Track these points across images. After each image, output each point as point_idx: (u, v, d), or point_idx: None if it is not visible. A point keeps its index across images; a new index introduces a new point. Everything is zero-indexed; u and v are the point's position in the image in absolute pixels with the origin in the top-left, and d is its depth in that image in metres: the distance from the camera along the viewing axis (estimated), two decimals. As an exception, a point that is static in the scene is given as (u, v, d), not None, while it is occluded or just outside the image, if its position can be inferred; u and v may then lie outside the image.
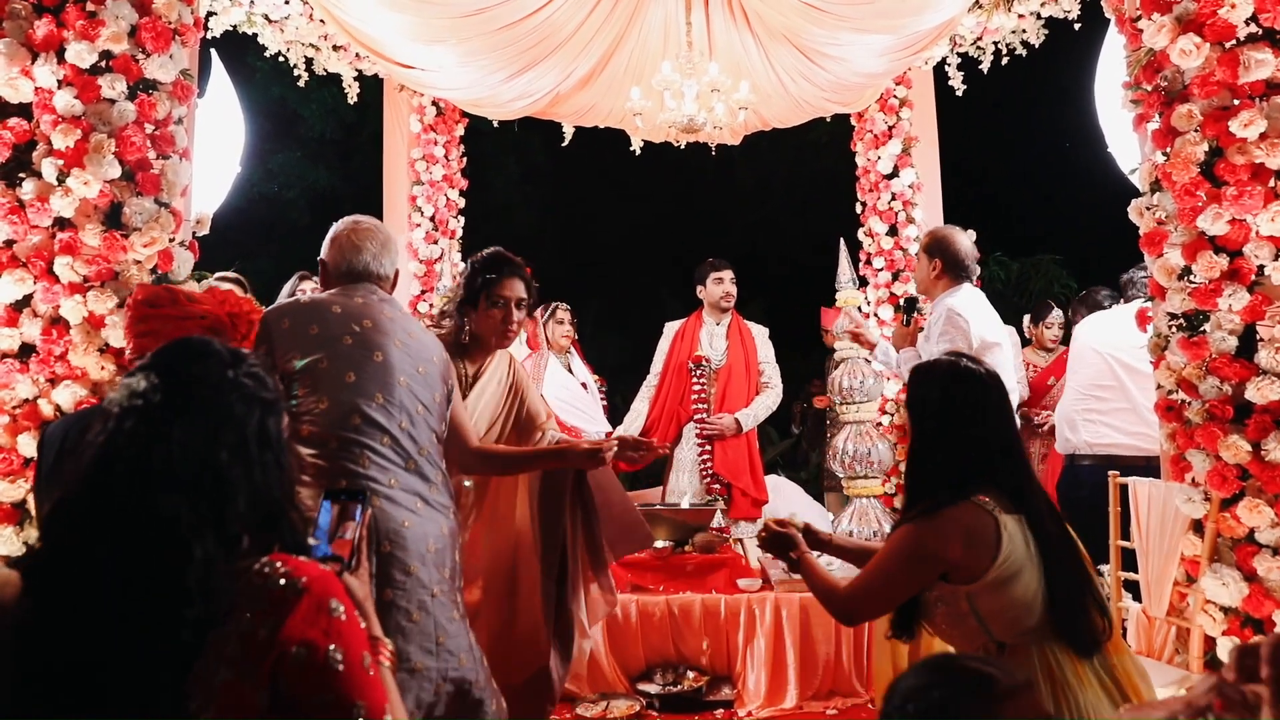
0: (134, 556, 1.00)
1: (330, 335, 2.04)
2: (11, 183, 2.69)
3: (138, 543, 1.01)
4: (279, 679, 0.99)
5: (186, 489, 1.03)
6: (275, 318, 2.09)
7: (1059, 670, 1.64)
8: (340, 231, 2.22)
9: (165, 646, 0.98)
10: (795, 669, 3.47)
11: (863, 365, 4.93)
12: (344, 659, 1.02)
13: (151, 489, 1.02)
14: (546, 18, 4.36)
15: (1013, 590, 1.65)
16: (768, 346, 4.61)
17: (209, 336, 1.21)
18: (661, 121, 4.46)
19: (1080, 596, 1.66)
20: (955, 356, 1.83)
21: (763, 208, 12.49)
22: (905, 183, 5.42)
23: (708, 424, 4.38)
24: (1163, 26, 2.75)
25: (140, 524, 1.01)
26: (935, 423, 1.76)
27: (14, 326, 2.69)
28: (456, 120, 5.67)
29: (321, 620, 1.02)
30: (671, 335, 4.66)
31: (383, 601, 1.91)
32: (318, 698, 1.00)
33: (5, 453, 2.66)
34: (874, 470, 4.93)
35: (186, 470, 1.04)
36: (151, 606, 0.99)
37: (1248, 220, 2.63)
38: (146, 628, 0.98)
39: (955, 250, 3.35)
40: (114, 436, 1.05)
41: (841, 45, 4.61)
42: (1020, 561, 1.65)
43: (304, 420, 1.96)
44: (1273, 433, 2.59)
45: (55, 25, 2.70)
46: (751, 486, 4.41)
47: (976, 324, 3.15)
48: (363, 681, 1.03)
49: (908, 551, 1.73)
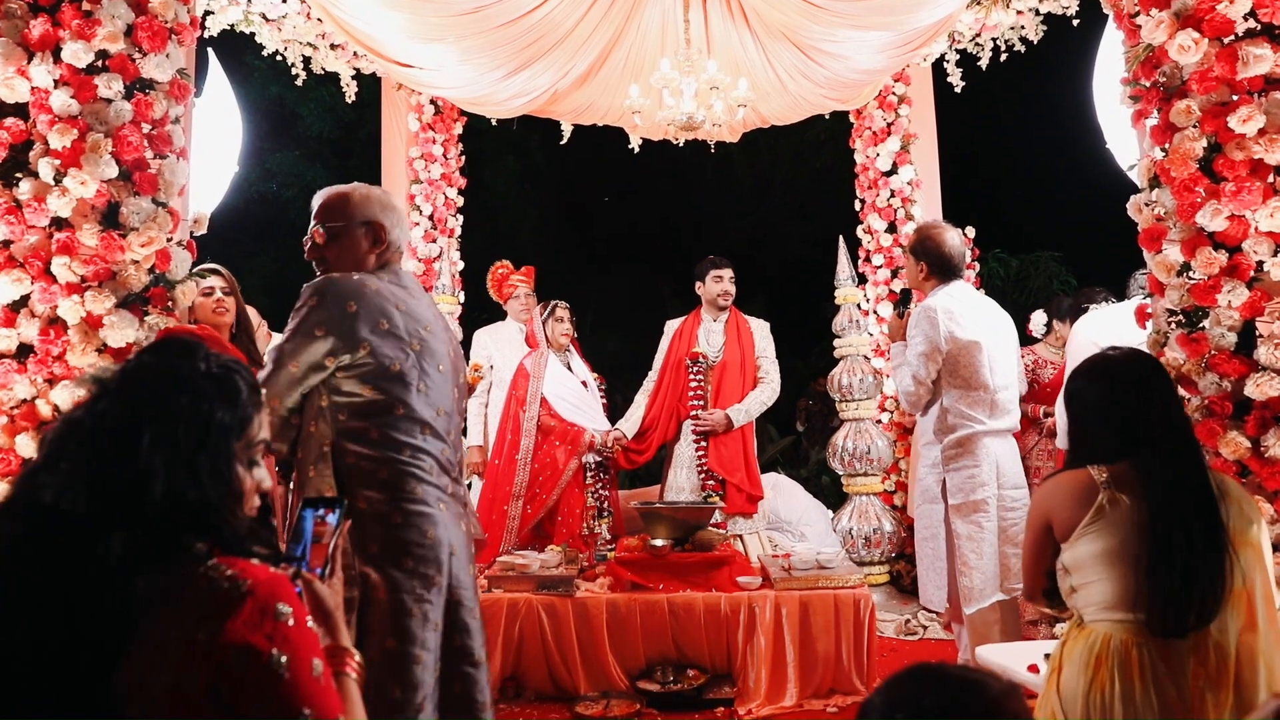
0: (38, 541, 1.00)
1: (402, 337, 2.01)
2: (8, 183, 2.69)
3: (43, 526, 1.00)
4: (221, 683, 0.97)
5: (99, 460, 1.02)
6: (347, 300, 1.98)
7: (1107, 659, 1.66)
8: (390, 202, 2.20)
9: (78, 642, 0.96)
10: (795, 667, 3.47)
11: (862, 363, 4.95)
12: (289, 664, 0.99)
13: (64, 461, 1.02)
14: (544, 15, 4.36)
15: (1100, 559, 1.69)
16: (767, 341, 4.60)
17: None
18: (660, 119, 4.45)
19: (1187, 584, 1.64)
20: (1113, 349, 1.90)
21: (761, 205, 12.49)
22: (904, 180, 5.42)
23: (699, 420, 4.39)
24: (1161, 22, 2.75)
25: (46, 509, 1.00)
26: (1078, 404, 1.86)
27: (11, 327, 2.69)
28: (455, 119, 5.66)
29: (266, 625, 0.99)
30: (671, 333, 4.66)
31: (452, 601, 2.01)
32: (260, 704, 0.98)
33: (4, 453, 2.66)
34: (873, 468, 4.95)
35: (103, 444, 1.03)
36: (56, 595, 0.97)
37: (1247, 216, 2.63)
38: (53, 620, 0.96)
39: (941, 251, 3.38)
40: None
41: (840, 42, 4.61)
42: (1116, 533, 1.67)
43: (375, 423, 1.96)
44: (1272, 429, 2.59)
45: (51, 25, 2.70)
46: (746, 482, 4.39)
47: (948, 322, 3.23)
48: (310, 689, 1.00)
49: (1030, 509, 1.88)
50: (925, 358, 3.25)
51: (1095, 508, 1.70)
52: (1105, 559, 1.69)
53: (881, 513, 4.88)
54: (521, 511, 4.27)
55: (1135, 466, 1.73)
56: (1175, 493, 1.69)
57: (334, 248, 2.12)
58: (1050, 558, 1.80)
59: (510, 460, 4.34)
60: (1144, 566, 1.65)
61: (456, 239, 5.71)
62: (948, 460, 3.27)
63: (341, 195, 2.15)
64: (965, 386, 3.25)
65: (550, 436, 4.35)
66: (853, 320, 4.95)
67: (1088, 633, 1.72)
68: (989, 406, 3.27)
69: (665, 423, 4.52)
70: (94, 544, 0.99)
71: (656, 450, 4.65)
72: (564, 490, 4.29)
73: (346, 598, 1.70)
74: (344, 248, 2.12)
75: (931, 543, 3.39)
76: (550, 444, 4.34)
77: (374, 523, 1.94)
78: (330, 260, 2.12)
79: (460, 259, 5.65)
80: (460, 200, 5.71)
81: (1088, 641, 1.70)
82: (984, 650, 2.81)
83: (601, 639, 3.51)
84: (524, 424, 4.35)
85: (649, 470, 5.41)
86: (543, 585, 3.60)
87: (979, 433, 3.25)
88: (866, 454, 4.87)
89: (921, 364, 3.26)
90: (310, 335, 1.94)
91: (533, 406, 4.36)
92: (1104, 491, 1.71)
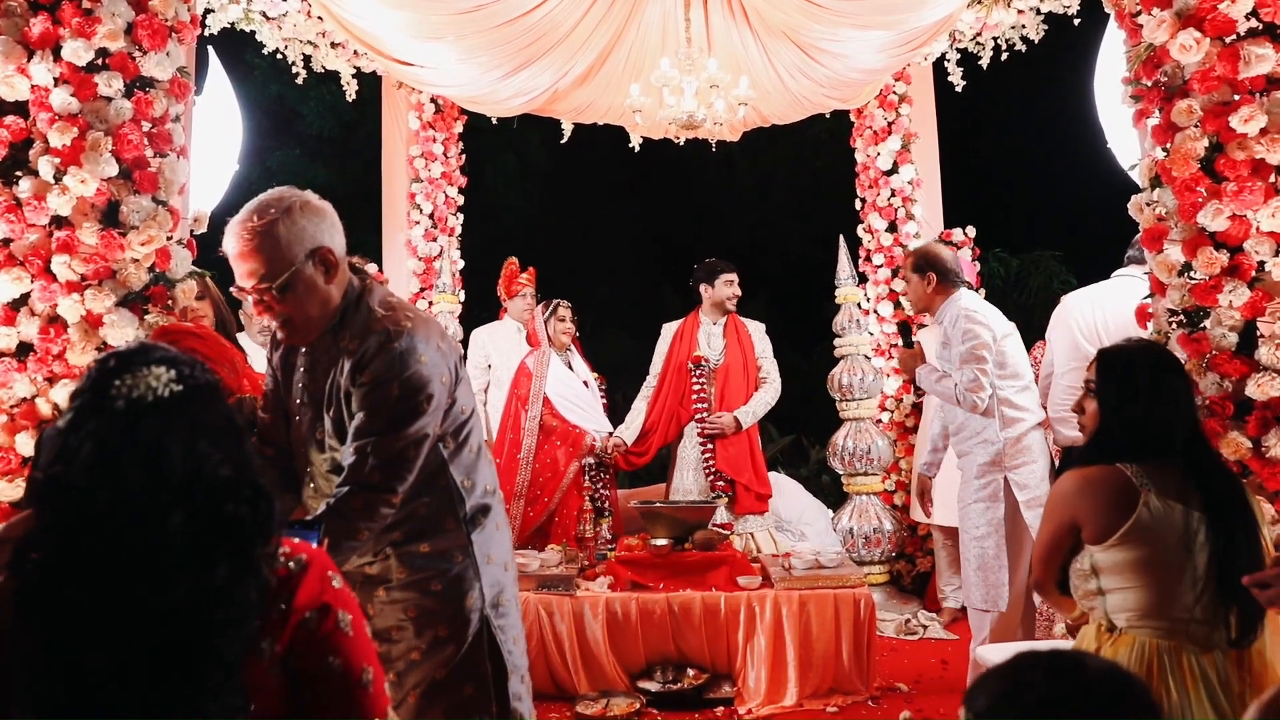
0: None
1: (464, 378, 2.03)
2: (8, 181, 2.68)
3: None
4: (291, 651, 1.03)
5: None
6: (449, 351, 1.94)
7: (1160, 670, 1.62)
8: (313, 203, 1.85)
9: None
10: (795, 667, 3.46)
11: (862, 362, 4.94)
12: (352, 623, 1.08)
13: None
14: (545, 14, 4.36)
15: (1139, 566, 1.65)
16: (764, 342, 4.60)
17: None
18: (661, 118, 4.45)
19: (1229, 598, 1.63)
20: (1147, 344, 1.90)
21: (762, 204, 12.48)
22: (904, 179, 5.41)
23: (708, 423, 4.39)
24: (1163, 21, 2.74)
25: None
26: (1115, 400, 1.82)
27: (11, 325, 2.68)
28: (455, 117, 5.66)
29: (329, 590, 1.08)
30: (670, 336, 4.65)
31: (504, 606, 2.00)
32: (327, 663, 1.04)
33: (3, 452, 2.65)
34: (873, 467, 4.94)
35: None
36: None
37: (1248, 216, 2.63)
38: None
39: (943, 261, 3.44)
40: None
41: (841, 41, 4.60)
42: (1160, 540, 1.64)
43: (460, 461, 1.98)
44: (1273, 429, 2.58)
45: (51, 22, 2.69)
46: (755, 481, 4.41)
47: (991, 318, 3.30)
48: (369, 648, 1.09)
49: (1050, 498, 1.84)
50: (982, 348, 3.23)
51: (1137, 513, 1.65)
52: (1147, 566, 1.65)
53: (881, 512, 4.87)
54: (523, 513, 4.27)
55: (1169, 467, 1.69)
56: (1224, 500, 1.66)
57: (290, 301, 1.80)
58: (1069, 554, 1.78)
59: (513, 459, 4.33)
60: (1199, 577, 1.62)
61: (457, 238, 5.71)
62: (1009, 457, 3.24)
63: (268, 236, 1.75)
64: (1014, 377, 3.30)
65: (552, 436, 4.35)
66: (853, 319, 4.95)
67: (1129, 641, 1.67)
68: (1034, 397, 3.35)
69: (665, 426, 4.52)
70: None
71: (656, 452, 4.66)
72: (564, 493, 4.29)
73: None
74: (300, 296, 1.79)
75: (987, 540, 3.25)
76: (551, 444, 4.35)
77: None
78: (295, 319, 1.83)
79: (460, 258, 5.65)
80: (460, 199, 5.71)
81: (1131, 650, 1.66)
82: (984, 650, 2.81)
83: (601, 638, 3.51)
84: (525, 423, 4.35)
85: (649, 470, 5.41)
86: (543, 584, 3.60)
87: (1033, 426, 3.30)
88: (867, 453, 4.86)
89: (978, 357, 3.23)
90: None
91: (535, 406, 4.36)
92: (1144, 494, 1.67)
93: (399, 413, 1.78)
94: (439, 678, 1.90)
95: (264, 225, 1.75)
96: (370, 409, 1.79)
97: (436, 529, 1.91)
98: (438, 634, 1.90)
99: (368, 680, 1.07)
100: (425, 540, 1.90)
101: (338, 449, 1.89)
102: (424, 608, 1.90)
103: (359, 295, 1.90)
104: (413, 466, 1.81)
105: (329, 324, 1.87)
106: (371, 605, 1.90)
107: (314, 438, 1.93)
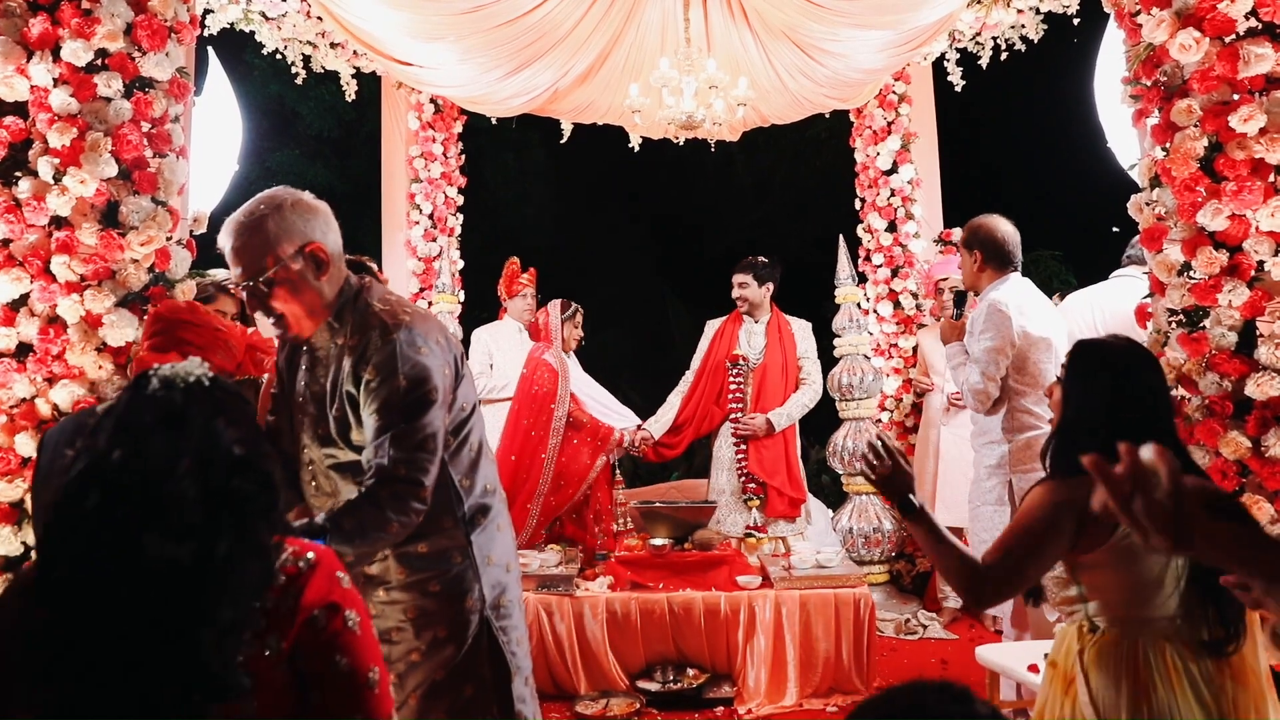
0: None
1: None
2: (8, 182, 2.68)
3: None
4: (298, 650, 1.04)
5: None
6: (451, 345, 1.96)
7: (1146, 668, 1.62)
8: (305, 201, 1.85)
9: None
10: (795, 666, 3.46)
11: (862, 362, 4.94)
12: (359, 622, 1.09)
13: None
14: (544, 15, 4.36)
15: (1132, 570, 1.63)
16: (809, 341, 4.51)
17: (199, 355, 1.23)
18: (660, 118, 4.45)
19: (1215, 601, 1.61)
20: (1126, 340, 1.81)
21: (762, 204, 12.48)
22: (904, 179, 5.41)
23: (741, 424, 4.34)
24: (1162, 21, 2.74)
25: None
26: (1096, 401, 1.75)
27: (11, 326, 2.68)
28: (455, 118, 5.66)
29: (336, 589, 1.09)
30: (711, 334, 4.58)
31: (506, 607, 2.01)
32: (334, 662, 1.05)
33: (3, 452, 2.65)
34: (874, 467, 4.94)
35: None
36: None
37: (1247, 215, 2.63)
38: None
39: (995, 238, 3.23)
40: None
41: (840, 41, 4.60)
42: (1138, 552, 1.61)
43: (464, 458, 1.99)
44: (1272, 428, 2.59)
45: (51, 23, 2.69)
46: (788, 485, 4.31)
47: (1020, 317, 3.07)
48: (375, 648, 1.10)
49: (1050, 500, 1.68)
50: (996, 353, 3.07)
51: (1119, 529, 1.61)
52: (1129, 573, 1.63)
53: (881, 512, 4.87)
54: (543, 505, 4.18)
55: None
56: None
57: (280, 296, 1.80)
58: (1050, 562, 1.73)
59: (535, 458, 4.21)
60: (1180, 576, 1.61)
61: (456, 238, 5.71)
62: (1016, 462, 3.11)
63: (257, 231, 1.77)
64: (1033, 385, 3.09)
65: (582, 433, 4.28)
66: (853, 319, 4.94)
67: (1113, 640, 1.66)
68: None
69: (699, 422, 4.46)
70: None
71: (687, 446, 4.60)
72: (592, 486, 4.21)
73: None
74: (290, 292, 1.80)
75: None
76: (580, 440, 4.27)
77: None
78: (285, 314, 1.83)
79: (460, 258, 5.65)
80: (460, 199, 5.71)
81: (1119, 650, 1.65)
82: (984, 650, 2.81)
83: (601, 638, 3.51)
84: (553, 422, 4.26)
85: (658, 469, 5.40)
86: (543, 584, 3.60)
87: (1046, 434, 3.17)
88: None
89: (992, 360, 3.08)
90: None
91: (563, 405, 4.28)
92: None
93: (409, 404, 1.79)
94: (439, 679, 1.89)
95: (253, 221, 1.78)
96: (381, 407, 1.80)
97: (434, 529, 1.90)
98: (437, 635, 1.90)
99: (374, 681, 1.07)
100: (423, 540, 1.89)
101: (340, 447, 1.89)
102: (423, 609, 1.89)
103: (357, 292, 1.90)
104: (434, 458, 1.82)
105: (323, 320, 1.88)
106: (371, 606, 1.90)
107: (317, 435, 1.93)
